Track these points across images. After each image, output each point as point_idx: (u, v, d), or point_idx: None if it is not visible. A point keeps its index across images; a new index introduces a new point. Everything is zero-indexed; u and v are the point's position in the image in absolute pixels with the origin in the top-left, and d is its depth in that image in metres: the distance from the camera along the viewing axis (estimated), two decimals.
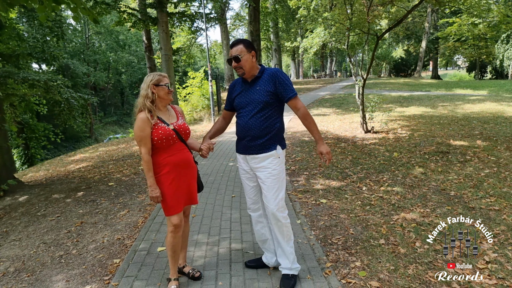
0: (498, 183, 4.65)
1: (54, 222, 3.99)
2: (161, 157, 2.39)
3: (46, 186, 5.34)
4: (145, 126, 2.32)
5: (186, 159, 2.48)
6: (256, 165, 2.48)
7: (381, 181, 4.96)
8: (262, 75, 2.45)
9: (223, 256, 3.00)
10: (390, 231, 3.39)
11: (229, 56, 2.43)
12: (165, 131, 2.36)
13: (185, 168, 2.48)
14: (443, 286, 2.50)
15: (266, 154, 2.44)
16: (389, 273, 2.68)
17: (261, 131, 2.42)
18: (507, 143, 6.66)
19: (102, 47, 38.62)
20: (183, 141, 2.49)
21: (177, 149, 2.43)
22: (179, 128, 2.45)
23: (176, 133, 2.41)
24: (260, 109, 2.41)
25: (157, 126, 2.35)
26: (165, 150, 2.39)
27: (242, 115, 2.48)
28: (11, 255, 3.32)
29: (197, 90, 19.64)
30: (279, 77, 2.41)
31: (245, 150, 2.50)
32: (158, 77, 2.39)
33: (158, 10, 14.01)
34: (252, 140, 2.44)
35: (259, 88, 2.42)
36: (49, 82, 10.39)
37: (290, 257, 2.55)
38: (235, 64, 2.41)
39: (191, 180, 2.55)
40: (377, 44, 7.68)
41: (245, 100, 2.46)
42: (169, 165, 2.40)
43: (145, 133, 2.32)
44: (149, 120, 2.32)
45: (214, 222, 3.73)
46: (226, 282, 2.60)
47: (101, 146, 10.78)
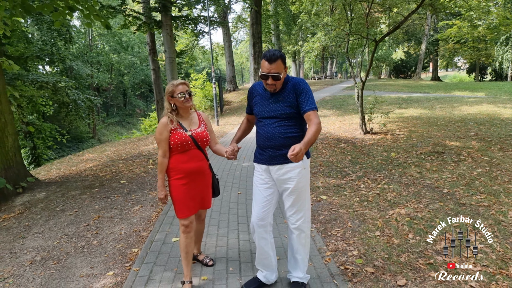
0: (489, 182, 4.93)
1: (73, 216, 4.28)
2: (176, 162, 2.50)
3: (62, 184, 5.64)
4: (163, 130, 2.47)
5: (199, 167, 2.56)
6: (282, 176, 2.38)
7: (378, 179, 5.25)
8: (286, 86, 2.36)
9: (232, 245, 3.29)
10: (385, 225, 3.67)
11: (265, 71, 2.25)
12: (181, 136, 2.47)
13: (198, 176, 2.56)
14: (431, 271, 2.78)
15: (293, 164, 2.35)
16: (383, 261, 2.96)
17: (286, 140, 2.34)
18: (500, 144, 6.93)
19: (105, 49, 39.01)
20: (199, 148, 2.57)
21: (193, 156, 2.52)
22: (196, 135, 2.53)
23: (192, 139, 2.50)
24: (284, 119, 2.35)
25: (175, 132, 2.47)
26: (181, 155, 2.50)
27: (264, 125, 2.39)
28: (36, 246, 3.61)
29: (199, 92, 19.95)
30: (301, 87, 2.33)
31: (269, 160, 2.40)
32: (172, 88, 2.47)
33: (162, 14, 14.33)
34: (277, 149, 2.35)
35: (282, 99, 2.35)
36: (57, 84, 10.75)
37: (305, 268, 2.57)
38: (272, 82, 2.28)
39: (204, 187, 2.65)
40: (375, 48, 7.97)
41: (266, 110, 2.38)
42: (182, 172, 2.50)
43: (163, 137, 2.47)
44: (168, 125, 2.47)
45: (222, 216, 4.02)
46: (236, 268, 2.89)
47: (109, 146, 11.09)
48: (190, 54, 24.71)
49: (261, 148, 2.44)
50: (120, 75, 43.08)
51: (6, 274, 3.10)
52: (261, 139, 2.41)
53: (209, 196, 2.72)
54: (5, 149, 5.05)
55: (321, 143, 7.89)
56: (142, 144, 10.38)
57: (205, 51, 32.76)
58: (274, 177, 2.43)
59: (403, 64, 40.01)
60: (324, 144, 7.79)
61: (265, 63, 2.24)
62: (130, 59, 40.73)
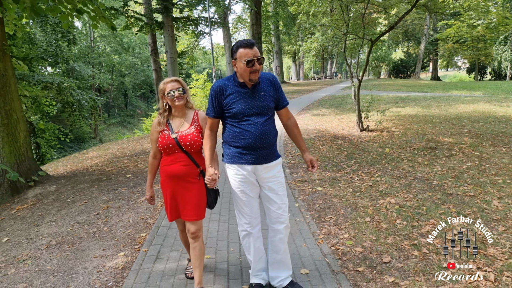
0: (477, 174, 5.18)
1: (83, 207, 4.55)
2: (162, 163, 2.46)
3: (71, 178, 5.91)
4: (153, 131, 2.45)
5: (181, 172, 2.38)
6: (266, 174, 2.34)
7: (372, 172, 5.51)
8: (261, 79, 2.32)
9: (232, 229, 3.57)
10: (375, 212, 3.94)
11: (250, 57, 2.18)
12: (164, 139, 2.37)
13: (179, 180, 2.39)
14: (415, 251, 3.04)
15: (276, 161, 2.38)
16: (371, 242, 3.23)
17: (273, 138, 2.35)
18: (492, 140, 7.19)
19: (106, 50, 39.37)
20: (185, 152, 2.39)
21: (176, 159, 2.38)
22: (180, 138, 2.36)
23: (176, 142, 2.36)
24: (270, 115, 2.34)
25: (162, 133, 2.40)
26: (167, 156, 2.42)
27: (252, 123, 2.26)
28: (51, 232, 3.88)
29: (200, 92, 20.25)
30: (277, 83, 2.38)
31: (257, 160, 2.30)
32: (162, 86, 2.39)
33: (164, 15, 14.63)
34: (267, 148, 2.31)
35: (264, 93, 2.30)
36: (62, 84, 11.03)
37: (290, 263, 2.56)
38: (257, 67, 2.21)
39: (185, 195, 2.40)
40: (371, 47, 8.24)
41: (252, 107, 2.26)
42: (164, 174, 2.44)
43: (153, 137, 2.45)
44: (157, 126, 2.42)
45: (223, 205, 4.30)
46: (236, 248, 3.16)
47: (112, 145, 11.36)
48: (191, 54, 25.04)
49: (249, 148, 2.28)
50: (121, 76, 43.42)
51: (24, 256, 3.38)
52: (252, 139, 2.25)
53: (190, 206, 2.40)
54: (18, 145, 5.32)
55: (318, 140, 8.15)
56: (145, 142, 10.65)
57: (206, 51, 33.10)
58: (260, 176, 2.35)
59: (402, 64, 40.29)
60: (322, 141, 8.05)
61: (246, 49, 2.18)
62: (131, 60, 41.07)
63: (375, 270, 2.77)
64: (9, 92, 5.23)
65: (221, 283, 2.65)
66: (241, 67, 2.20)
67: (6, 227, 4.20)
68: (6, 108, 5.18)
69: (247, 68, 2.18)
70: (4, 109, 5.15)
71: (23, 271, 3.08)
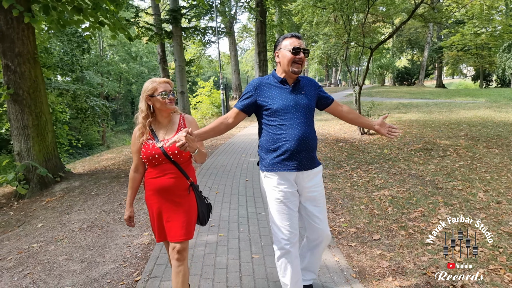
0: (468, 172, 5.60)
1: (107, 198, 5.05)
2: (147, 176, 2.15)
3: (92, 175, 6.43)
4: (134, 141, 2.15)
5: (170, 186, 2.08)
6: (308, 183, 2.16)
7: (369, 170, 5.95)
8: (301, 80, 2.23)
9: (242, 214, 4.04)
10: (370, 201, 4.38)
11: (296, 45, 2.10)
12: (148, 149, 2.08)
13: (168, 195, 2.09)
14: (402, 231, 3.48)
15: (318, 168, 2.23)
16: (364, 225, 3.67)
17: (315, 141, 2.18)
18: (486, 142, 7.59)
19: (115, 59, 40.37)
20: (173, 163, 2.10)
21: (163, 171, 2.08)
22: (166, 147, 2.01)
23: (163, 152, 2.07)
24: (311, 117, 2.19)
25: (146, 143, 2.10)
26: (152, 169, 2.12)
27: (293, 123, 2.10)
28: (81, 219, 4.38)
29: (206, 99, 20.87)
30: (317, 83, 2.30)
31: (299, 165, 2.12)
32: (152, 86, 2.08)
33: (173, 25, 15.29)
34: (309, 151, 2.14)
35: (305, 92, 2.18)
36: (77, 91, 11.66)
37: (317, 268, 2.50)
38: (301, 57, 2.10)
39: (172, 211, 2.10)
40: (371, 55, 8.73)
41: (292, 104, 2.11)
42: (150, 187, 2.13)
43: (134, 148, 2.15)
44: (140, 135, 2.12)
45: (233, 196, 4.77)
46: (245, 229, 3.63)
47: (124, 148, 11.91)
48: (197, 63, 25.77)
49: (291, 152, 2.09)
50: (128, 84, 44.42)
51: (61, 237, 3.87)
52: (294, 141, 2.08)
53: (179, 224, 2.08)
54: (46, 144, 5.86)
55: (321, 142, 8.61)
56: None
57: (211, 60, 33.87)
58: (301, 186, 2.16)
59: (406, 71, 40.72)
60: (324, 143, 8.51)
61: (294, 39, 2.12)
62: (138, 69, 42.08)
63: (365, 245, 3.22)
64: (39, 96, 5.79)
65: (233, 254, 3.11)
66: (285, 56, 2.11)
67: (39, 216, 4.71)
68: (37, 111, 5.73)
69: (292, 56, 2.08)
70: (35, 111, 5.70)
71: (62, 247, 3.57)
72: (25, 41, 5.72)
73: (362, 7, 8.77)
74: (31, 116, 5.67)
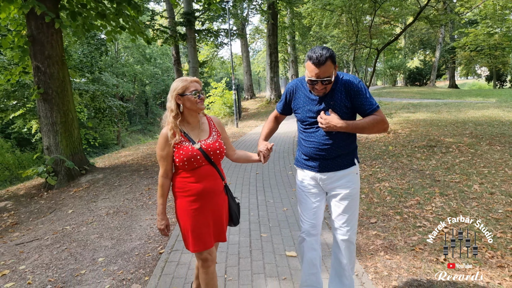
0: (467, 167, 5.88)
1: (129, 189, 5.52)
2: (183, 182, 2.01)
3: (113, 169, 6.94)
4: (165, 145, 2.00)
5: (213, 188, 2.03)
6: (332, 184, 2.14)
7: (373, 165, 6.28)
8: (337, 86, 2.05)
9: (252, 202, 4.46)
10: (370, 191, 4.73)
11: (312, 76, 1.94)
12: (187, 151, 1.97)
13: (213, 198, 2.03)
14: (397, 216, 3.83)
15: (345, 171, 2.13)
16: (363, 210, 4.04)
17: (339, 149, 2.09)
18: (490, 140, 7.81)
19: (130, 60, 41.35)
20: (213, 164, 2.05)
21: (205, 174, 2.00)
22: (207, 147, 2.01)
23: (202, 153, 2.00)
24: None
25: (180, 145, 1.98)
26: (189, 173, 1.99)
27: (313, 132, 2.11)
28: (106, 206, 4.85)
29: (218, 100, 21.36)
30: (355, 88, 2.03)
31: (319, 168, 2.14)
32: (183, 84, 1.98)
33: (187, 28, 15.84)
34: (329, 159, 2.11)
35: (334, 103, 2.04)
36: (97, 92, 12.26)
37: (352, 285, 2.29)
38: (321, 87, 1.97)
39: (219, 213, 2.08)
40: (377, 56, 9.04)
41: (314, 116, 2.09)
42: (192, 193, 1.99)
43: (165, 153, 2.01)
44: (171, 138, 1.98)
45: (244, 187, 5.18)
46: (256, 213, 4.03)
47: (141, 146, 12.47)
48: (210, 64, 26.35)
49: (310, 157, 2.17)
50: (142, 85, 45.37)
51: (90, 220, 4.34)
52: (312, 149, 2.13)
53: (224, 224, 2.14)
54: (72, 139, 6.38)
55: None
56: None
57: (224, 61, 34.45)
58: (325, 184, 2.17)
59: (418, 72, 40.53)
60: None
61: (311, 66, 1.92)
62: (152, 70, 42.97)
63: (362, 227, 3.58)
64: (66, 95, 6.31)
65: (244, 233, 3.52)
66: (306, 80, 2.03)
67: (69, 203, 5.21)
68: (64, 109, 6.25)
69: (310, 85, 2.02)
70: (63, 109, 6.23)
71: (93, 228, 4.04)
72: (54, 45, 6.24)
73: (370, 10, 9.10)
74: (59, 114, 6.20)
